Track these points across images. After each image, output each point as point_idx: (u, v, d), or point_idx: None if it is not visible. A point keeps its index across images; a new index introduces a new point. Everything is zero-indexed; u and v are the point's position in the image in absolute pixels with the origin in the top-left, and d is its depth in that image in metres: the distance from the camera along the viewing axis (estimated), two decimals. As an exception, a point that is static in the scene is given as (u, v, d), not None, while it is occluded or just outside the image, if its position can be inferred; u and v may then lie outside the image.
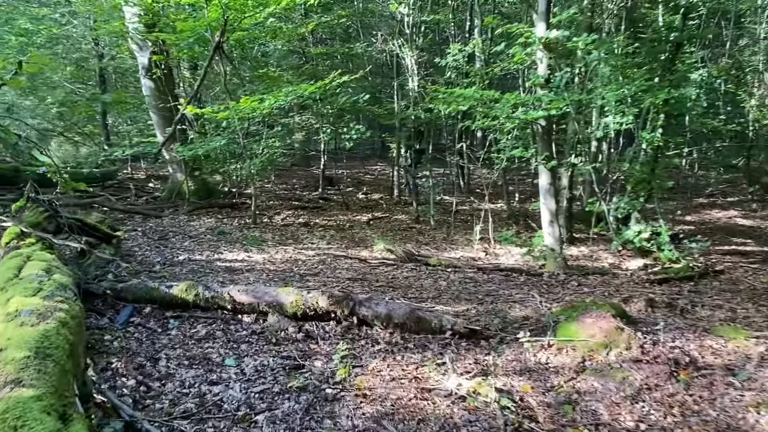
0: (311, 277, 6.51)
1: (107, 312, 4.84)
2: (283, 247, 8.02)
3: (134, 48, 11.10)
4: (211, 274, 6.41)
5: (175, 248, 7.68)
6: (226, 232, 8.77)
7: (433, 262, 7.25)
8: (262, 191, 13.96)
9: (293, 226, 9.66)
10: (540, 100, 6.85)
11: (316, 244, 8.41)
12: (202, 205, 10.84)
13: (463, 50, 9.05)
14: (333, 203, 12.61)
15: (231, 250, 7.72)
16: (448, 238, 9.36)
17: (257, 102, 7.64)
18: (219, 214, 10.50)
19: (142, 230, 8.73)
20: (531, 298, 5.98)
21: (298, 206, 11.66)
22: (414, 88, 10.27)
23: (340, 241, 8.77)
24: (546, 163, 7.02)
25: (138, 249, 7.52)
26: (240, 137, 9.09)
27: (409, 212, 11.63)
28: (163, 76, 10.36)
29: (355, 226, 9.91)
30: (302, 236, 8.95)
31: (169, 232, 8.67)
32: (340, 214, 11.18)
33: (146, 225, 9.16)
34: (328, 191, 14.20)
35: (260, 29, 9.72)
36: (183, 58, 10.04)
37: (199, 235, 8.59)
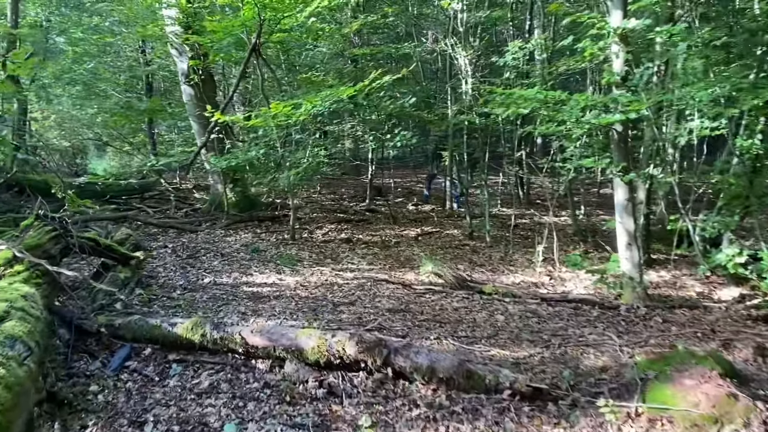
0: (346, 307, 5.67)
1: (101, 354, 4.15)
2: (320, 268, 7.23)
3: (174, 53, 10.65)
4: (234, 302, 5.68)
5: (202, 269, 7.02)
6: (261, 250, 8.06)
7: (488, 290, 6.28)
8: (307, 202, 13.31)
9: (334, 243, 8.87)
10: (616, 101, 5.80)
11: (357, 264, 7.58)
12: (242, 219, 10.22)
13: (525, 48, 8.05)
14: (380, 215, 11.77)
15: (262, 271, 6.99)
16: (506, 258, 8.34)
17: (290, 108, 6.90)
18: (258, 228, 9.85)
19: (172, 247, 8.14)
20: (608, 339, 4.94)
21: (343, 219, 10.88)
22: (468, 92, 9.32)
23: (383, 260, 7.91)
24: (623, 175, 5.94)
25: (162, 270, 6.89)
26: (278, 146, 8.38)
27: (462, 226, 10.66)
28: (200, 81, 9.82)
29: (401, 243, 9.03)
30: (342, 254, 8.14)
31: (201, 249, 8.04)
32: (387, 228, 10.33)
33: (179, 241, 8.58)
34: (376, 202, 13.38)
35: (301, 31, 9.02)
36: (219, 62, 9.45)
37: (231, 253, 7.92)
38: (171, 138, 16.08)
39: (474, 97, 9.34)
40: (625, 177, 5.91)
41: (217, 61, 9.37)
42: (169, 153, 13.79)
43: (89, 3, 16.47)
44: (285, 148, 8.72)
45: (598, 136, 6.94)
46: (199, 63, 9.15)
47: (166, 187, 13.22)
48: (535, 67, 9.31)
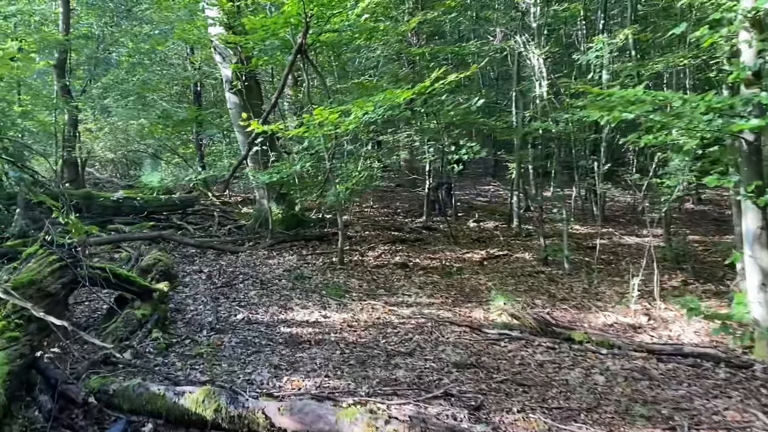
0: (402, 358, 4.60)
1: (88, 429, 3.22)
2: (371, 302, 6.18)
3: (218, 59, 9.92)
4: (267, 348, 4.70)
5: (236, 300, 6.10)
6: (305, 277, 7.10)
7: (578, 337, 5.07)
8: (358, 217, 12.33)
9: (388, 268, 7.82)
10: (748, 102, 4.53)
11: (414, 297, 6.49)
12: (287, 238, 9.32)
13: (612, 43, 6.83)
14: (438, 234, 10.66)
15: (305, 305, 6.01)
16: (591, 290, 7.07)
17: (337, 115, 5.91)
18: (304, 249, 8.92)
19: (208, 272, 7.29)
20: (753, 419, 3.67)
21: (397, 238, 9.82)
22: (542, 95, 8.12)
23: (445, 292, 6.79)
24: (755, 197, 4.65)
25: (192, 301, 6.01)
26: (326, 158, 7.43)
27: (533, 248, 9.42)
28: (244, 88, 9.02)
29: (465, 269, 7.89)
30: (397, 283, 7.08)
31: (239, 275, 7.15)
32: (447, 249, 9.21)
33: (216, 264, 7.73)
34: (433, 218, 12.28)
35: (353, 30, 8.06)
36: (265, 69, 8.62)
37: (272, 280, 7.00)
38: (220, 149, 15.49)
39: (549, 102, 8.13)
40: (760, 199, 4.61)
41: (261, 66, 8.54)
42: (217, 165, 13.14)
43: (139, 11, 16.18)
44: (334, 160, 7.76)
45: (713, 147, 5.64)
46: (242, 68, 8.34)
47: (212, 201, 12.54)
48: (621, 65, 8.04)
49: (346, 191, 7.08)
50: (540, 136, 8.52)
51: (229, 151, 13.90)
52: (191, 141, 15.86)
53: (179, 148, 16.97)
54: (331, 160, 7.58)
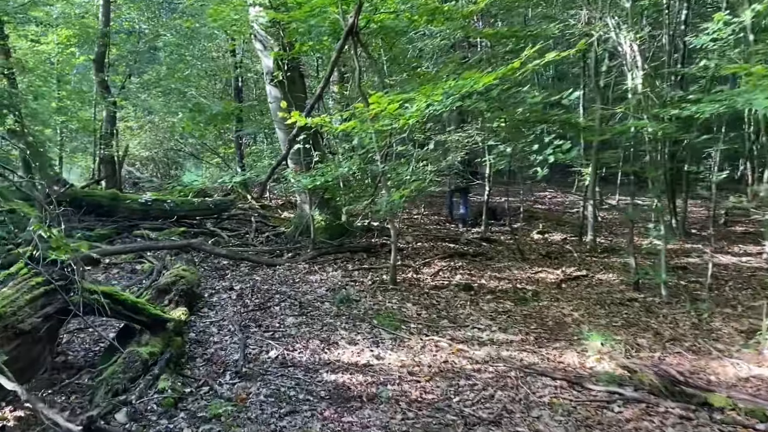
0: (486, 428, 3.41)
1: None
2: (434, 337, 5.00)
3: (258, 47, 8.93)
4: (305, 405, 3.58)
5: (270, 330, 5.01)
6: (352, 299, 5.98)
7: (718, 402, 3.77)
8: (408, 225, 11.18)
9: (448, 290, 6.63)
10: None
11: (487, 331, 5.28)
12: (331, 249, 8.24)
13: (732, 22, 5.49)
14: (501, 247, 9.41)
15: (353, 339, 4.88)
16: (702, 326, 5.71)
17: (397, 105, 4.77)
18: (349, 263, 7.82)
19: (240, 289, 6.25)
20: None
21: (455, 252, 8.62)
22: (636, 88, 6.79)
23: (523, 324, 5.56)
24: None
25: (216, 330, 4.95)
26: (377, 159, 6.30)
27: (614, 268, 8.09)
28: (286, 79, 7.98)
29: (541, 294, 6.62)
30: (462, 311, 5.88)
31: (275, 295, 6.08)
32: (514, 266, 7.96)
33: (250, 279, 6.70)
34: (491, 228, 11.03)
35: (411, 12, 6.92)
36: (309, 58, 7.56)
37: (313, 302, 5.90)
38: (261, 149, 14.58)
39: (644, 96, 6.80)
40: None
41: (305, 53, 7.48)
42: (257, 166, 12.22)
43: (181, 4, 15.45)
44: (387, 162, 6.63)
45: None
46: (284, 55, 7.30)
47: (250, 204, 11.58)
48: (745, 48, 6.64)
49: (401, 199, 5.92)
50: (632, 136, 7.17)
51: (270, 150, 12.97)
52: (232, 140, 15.04)
53: (220, 148, 16.18)
54: (384, 163, 6.45)
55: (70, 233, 7.50)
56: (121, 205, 8.60)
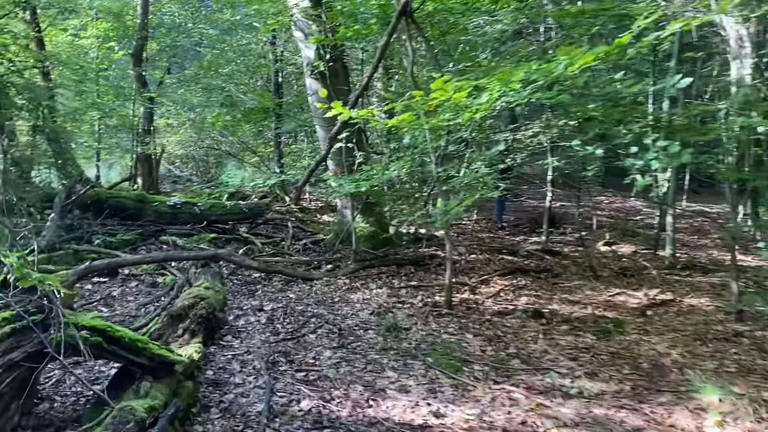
0: None
1: None
2: (505, 385, 4.01)
3: (298, 36, 8.09)
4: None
5: (303, 369, 4.12)
6: (401, 327, 5.04)
7: None
8: (458, 233, 10.21)
9: (514, 317, 5.61)
10: None
11: (569, 376, 4.25)
12: (374, 261, 7.33)
13: None
14: (566, 261, 8.33)
15: (404, 384, 3.94)
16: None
17: (464, 94, 3.80)
18: (395, 278, 6.90)
19: (270, 310, 5.40)
20: None
21: (516, 267, 7.60)
22: (743, 79, 5.65)
23: (612, 366, 4.51)
24: None
25: (239, 367, 4.08)
26: (432, 161, 5.35)
27: (702, 289, 6.94)
28: (328, 70, 7.12)
29: (625, 324, 5.54)
30: (534, 346, 4.86)
31: (311, 319, 5.20)
32: (586, 286, 6.89)
33: (283, 298, 5.84)
34: (551, 238, 9.94)
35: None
36: (353, 38, 6.65)
37: (355, 329, 5.00)
38: (300, 148, 13.79)
39: (755, 88, 5.65)
40: None
41: (350, 39, 6.57)
42: (296, 166, 11.43)
43: None
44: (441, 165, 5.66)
45: None
46: (327, 40, 6.42)
47: (287, 208, 10.78)
48: None
49: (460, 207, 4.95)
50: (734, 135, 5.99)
51: (310, 150, 12.15)
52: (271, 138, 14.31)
53: (259, 147, 15.49)
54: (440, 165, 5.48)
55: (89, 239, 6.82)
56: (148, 207, 7.88)
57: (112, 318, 4.87)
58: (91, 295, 5.50)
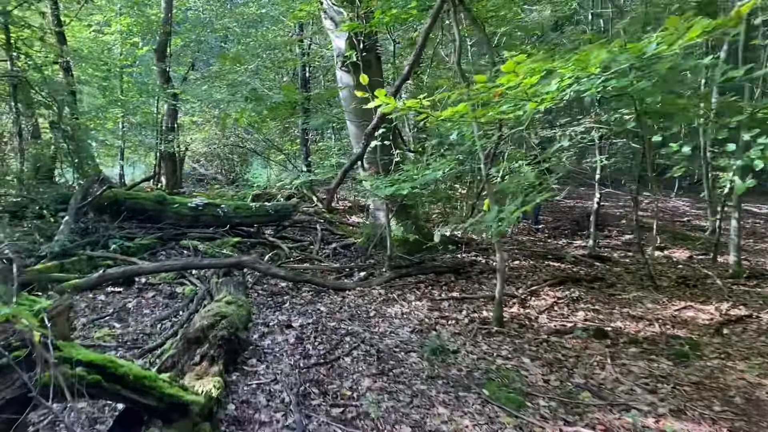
0: None
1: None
2: (579, 428, 3.38)
3: (329, 27, 7.54)
4: None
5: (339, 405, 3.53)
6: (447, 349, 4.43)
7: None
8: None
9: (574, 336, 4.95)
10: None
11: (652, 414, 3.59)
12: (411, 268, 6.73)
13: None
14: (618, 268, 7.63)
15: (459, 426, 3.33)
16: None
17: (536, 79, 3.17)
18: (435, 287, 6.29)
19: (299, 326, 4.83)
20: None
21: (566, 276, 6.93)
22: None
23: (698, 398, 3.84)
24: None
25: (265, 400, 3.52)
26: (481, 160, 4.71)
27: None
28: (361, 61, 6.53)
29: (702, 345, 4.84)
30: (603, 375, 4.20)
31: (345, 338, 4.62)
32: (647, 298, 6.19)
33: (313, 311, 5.27)
34: (599, 242, 9.22)
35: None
36: (390, 24, 6.04)
37: (396, 351, 4.41)
38: (328, 145, 13.24)
39: None
40: None
41: (387, 24, 5.96)
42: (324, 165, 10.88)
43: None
44: (490, 164, 5.02)
45: None
46: (360, 27, 5.83)
47: (315, 208, 10.24)
48: None
49: (516, 213, 4.31)
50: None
51: (338, 148, 11.59)
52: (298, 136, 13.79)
53: (285, 144, 14.99)
54: (490, 165, 4.85)
55: (105, 243, 6.35)
56: (168, 209, 7.40)
57: (125, 336, 4.36)
58: (104, 308, 5.00)
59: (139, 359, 3.97)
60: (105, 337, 4.22)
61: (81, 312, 4.84)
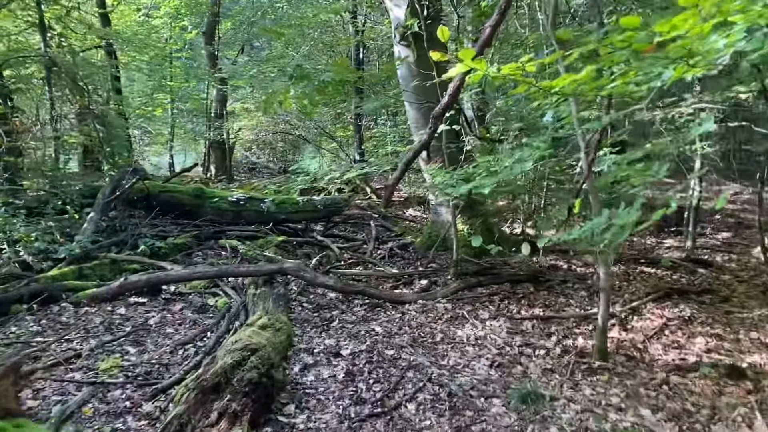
0: None
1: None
2: None
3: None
4: None
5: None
6: (540, 395, 3.42)
7: None
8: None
9: (700, 376, 3.84)
10: None
11: None
12: (482, 279, 5.71)
13: None
14: (725, 274, 6.39)
15: None
16: None
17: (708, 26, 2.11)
18: (512, 301, 5.26)
19: (350, 356, 3.92)
20: None
21: (667, 286, 5.76)
22: None
23: None
24: None
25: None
26: (581, 149, 3.64)
27: None
28: (425, 30, 5.53)
29: None
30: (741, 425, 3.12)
31: (407, 373, 3.67)
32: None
33: (366, 333, 4.36)
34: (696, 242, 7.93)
35: None
36: None
37: (473, 395, 3.43)
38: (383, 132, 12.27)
39: None
40: None
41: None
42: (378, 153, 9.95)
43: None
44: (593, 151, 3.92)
45: None
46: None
47: (369, 200, 9.33)
48: None
49: (633, 220, 3.22)
50: None
51: (394, 135, 10.61)
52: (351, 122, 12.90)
53: (337, 132, 14.13)
54: (593, 155, 3.77)
55: (135, 243, 5.61)
56: (207, 204, 6.63)
57: (137, 367, 3.55)
58: (121, 324, 4.23)
59: (149, 402, 3.15)
60: (112, 368, 3.42)
61: (93, 330, 4.08)
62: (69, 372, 3.42)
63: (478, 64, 2.33)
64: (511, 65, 2.44)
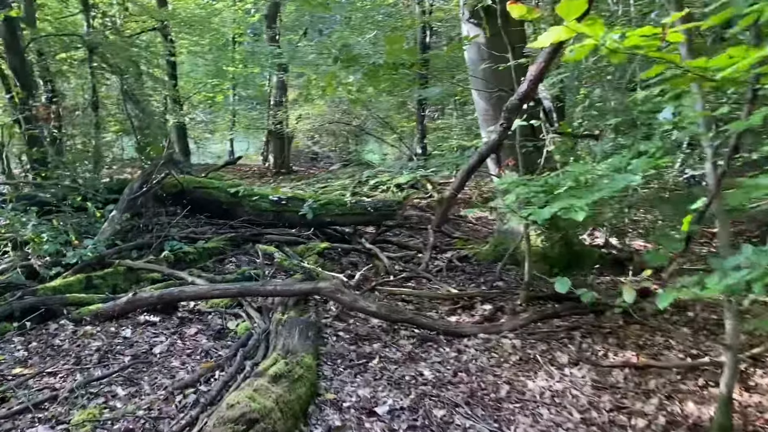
0: None
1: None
2: None
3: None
4: None
5: None
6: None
7: None
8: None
9: None
10: None
11: None
12: (558, 307, 4.73)
13: None
14: None
15: None
16: None
17: None
18: (596, 338, 4.25)
19: (388, 416, 3.06)
20: None
21: None
22: None
23: None
24: None
25: None
26: (708, 154, 2.62)
27: None
28: (499, 4, 4.57)
29: None
30: None
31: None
32: None
33: (411, 381, 3.49)
34: None
35: None
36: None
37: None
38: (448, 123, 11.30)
39: None
40: None
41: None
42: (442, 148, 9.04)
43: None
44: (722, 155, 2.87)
45: None
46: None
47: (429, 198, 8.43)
48: None
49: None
50: None
51: (460, 127, 9.63)
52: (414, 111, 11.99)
53: (400, 123, 13.26)
54: (726, 165, 2.73)
55: (160, 246, 4.97)
56: (245, 203, 5.94)
57: (117, 422, 2.82)
58: (120, 354, 3.55)
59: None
60: (85, 423, 2.71)
61: (86, 359, 3.42)
62: (34, 425, 2.74)
63: (589, 27, 1.41)
64: (644, 30, 1.49)
